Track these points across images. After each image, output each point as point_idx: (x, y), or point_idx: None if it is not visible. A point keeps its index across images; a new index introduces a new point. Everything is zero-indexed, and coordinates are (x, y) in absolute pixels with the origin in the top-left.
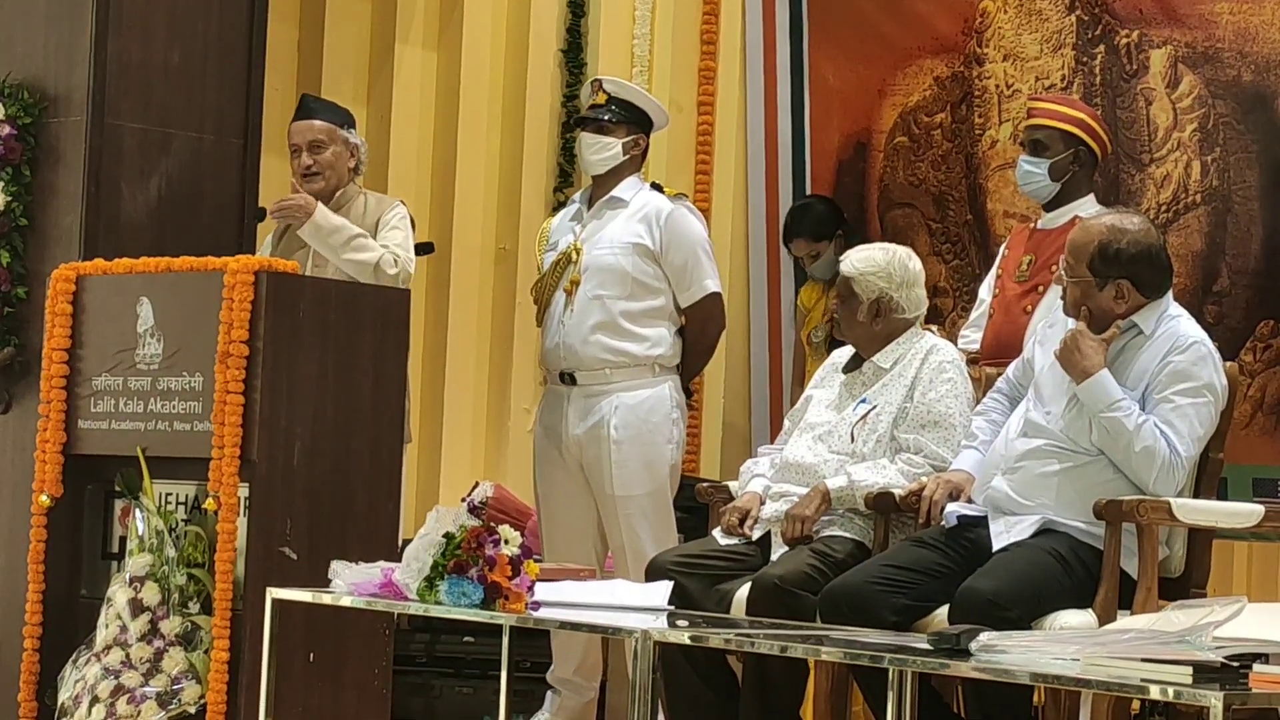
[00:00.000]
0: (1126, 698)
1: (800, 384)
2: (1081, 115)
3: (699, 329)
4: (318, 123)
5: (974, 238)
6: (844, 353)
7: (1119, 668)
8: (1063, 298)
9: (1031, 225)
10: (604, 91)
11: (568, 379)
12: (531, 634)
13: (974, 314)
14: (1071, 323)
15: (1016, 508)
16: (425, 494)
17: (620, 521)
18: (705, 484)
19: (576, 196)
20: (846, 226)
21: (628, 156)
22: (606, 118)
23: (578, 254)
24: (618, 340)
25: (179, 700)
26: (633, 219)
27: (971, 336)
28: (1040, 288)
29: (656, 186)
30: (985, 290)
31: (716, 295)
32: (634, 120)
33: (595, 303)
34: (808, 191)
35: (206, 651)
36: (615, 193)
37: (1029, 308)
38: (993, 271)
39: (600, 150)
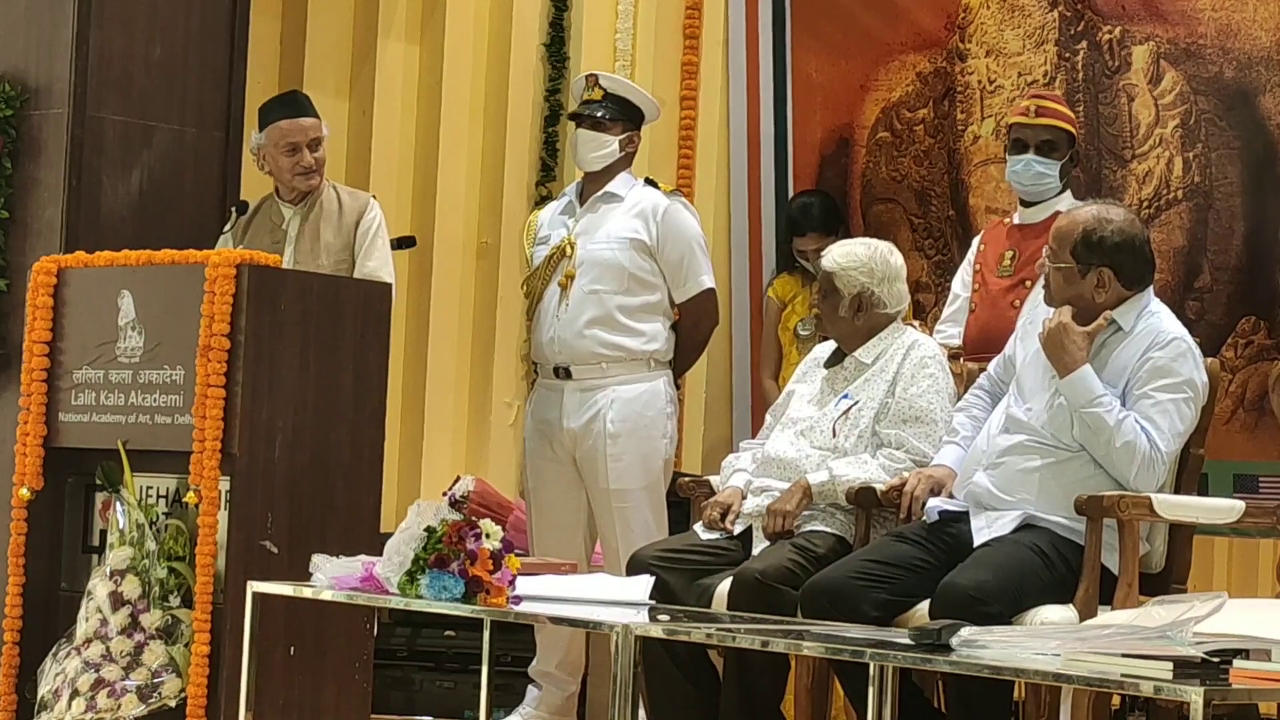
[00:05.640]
0: (1107, 693)
1: (775, 379)
2: (1071, 114)
3: (693, 324)
4: (312, 120)
5: (956, 233)
6: (826, 348)
7: (1100, 663)
8: (1045, 286)
9: (1006, 221)
10: (600, 87)
11: (562, 373)
12: (512, 628)
13: (949, 309)
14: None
15: (998, 503)
16: (406, 488)
17: (614, 515)
18: (687, 478)
19: (568, 190)
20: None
21: (623, 153)
22: (602, 114)
23: (571, 248)
24: (614, 335)
25: (159, 694)
26: (629, 214)
27: (949, 331)
28: (1027, 282)
29: (651, 182)
30: (960, 285)
31: (711, 291)
32: (628, 116)
33: (591, 297)
34: (790, 187)
35: (187, 645)
36: (610, 188)
37: (1016, 302)
38: (966, 266)
39: (598, 147)
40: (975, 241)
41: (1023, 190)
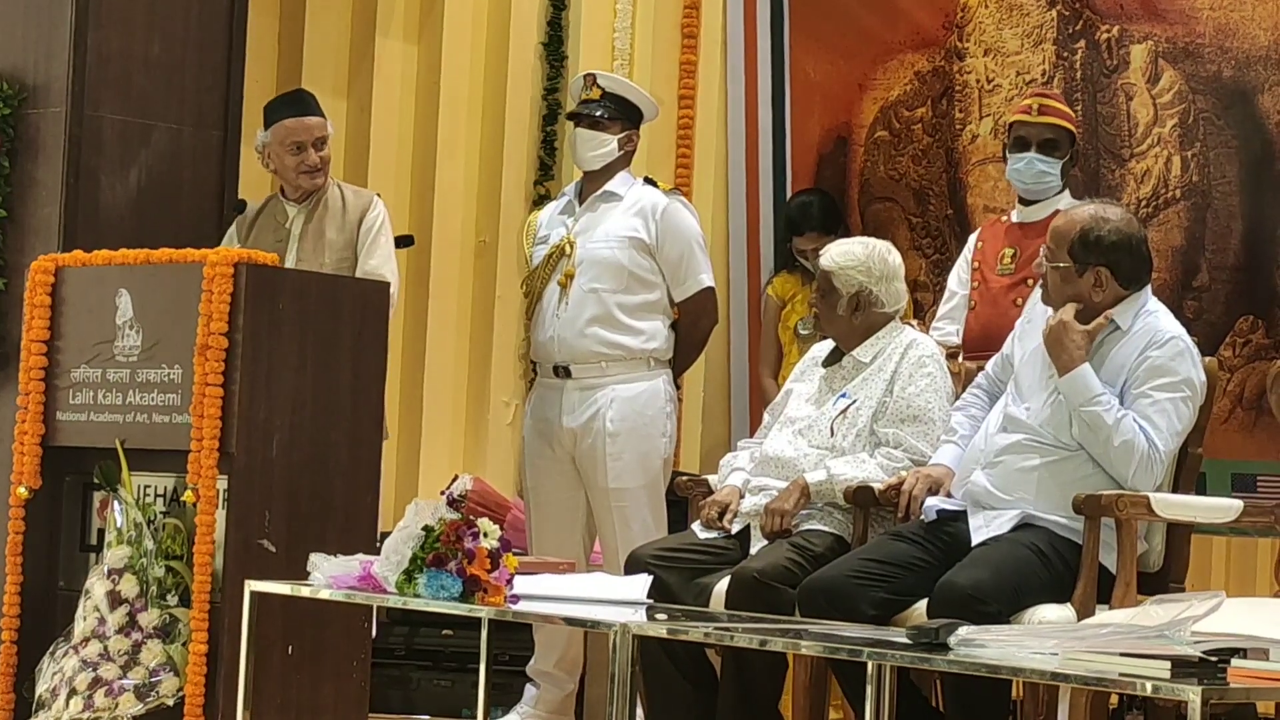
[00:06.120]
0: (1105, 692)
1: (774, 377)
2: (1072, 112)
3: (692, 322)
4: (318, 119)
5: (954, 232)
6: (823, 347)
7: (1097, 662)
8: (1043, 285)
9: (1004, 219)
10: (598, 86)
11: (562, 372)
12: (510, 627)
13: (946, 306)
14: (1050, 313)
15: (996, 502)
16: (404, 487)
17: (613, 514)
18: (685, 477)
19: (567, 190)
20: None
21: (622, 152)
22: (600, 114)
23: (571, 247)
24: (613, 333)
25: (157, 692)
26: (628, 213)
27: (947, 329)
28: (1029, 280)
29: (650, 181)
30: (956, 282)
31: (710, 290)
32: (627, 116)
33: (591, 296)
34: (788, 186)
35: (185, 644)
36: (609, 187)
37: (1019, 300)
38: (962, 263)
39: (597, 147)
40: (972, 239)
41: (1024, 189)
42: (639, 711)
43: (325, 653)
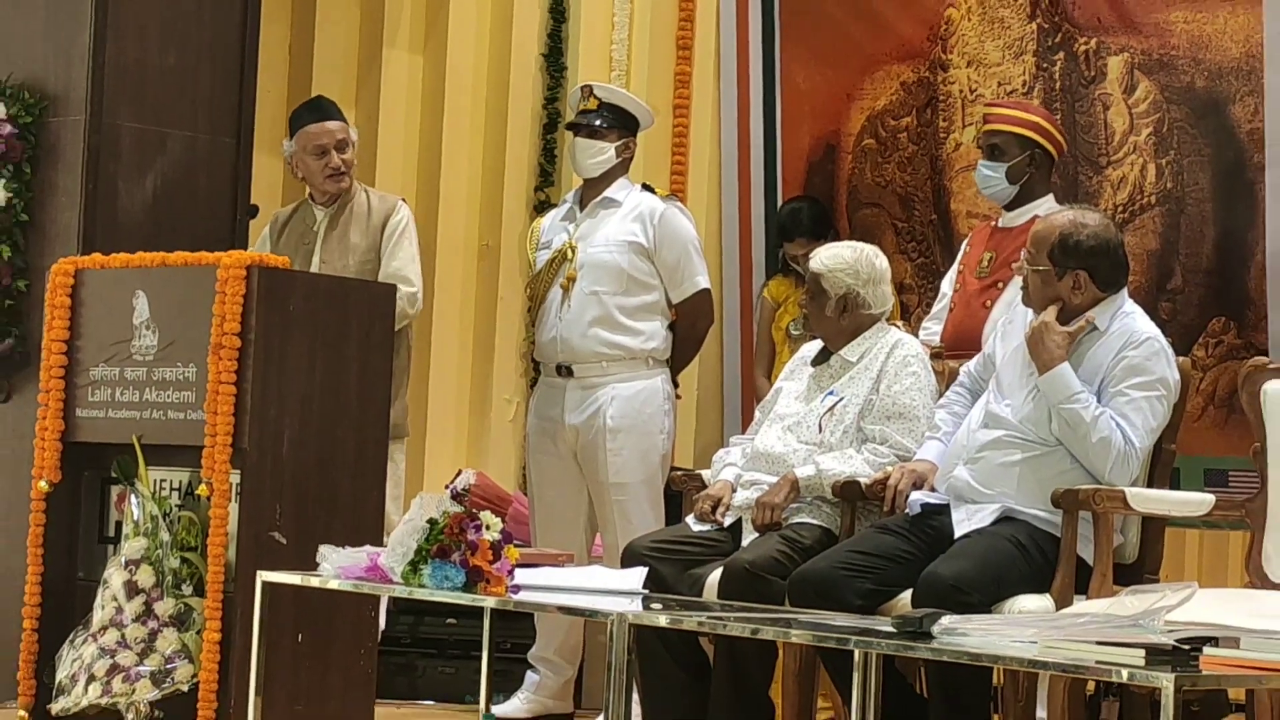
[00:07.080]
0: (1082, 679)
1: (767, 376)
2: (1035, 118)
3: (689, 323)
4: (338, 123)
5: (938, 237)
6: (813, 346)
7: (1075, 650)
8: (1023, 287)
9: (993, 224)
10: (595, 97)
11: (564, 371)
12: (512, 616)
13: (935, 307)
14: (1030, 314)
15: (978, 496)
16: (410, 482)
17: (613, 508)
18: (679, 472)
19: (568, 196)
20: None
21: (620, 159)
22: (598, 123)
23: (572, 252)
24: (614, 334)
25: (172, 679)
26: (627, 218)
27: (932, 329)
28: (1000, 284)
29: (648, 187)
30: (947, 284)
31: (706, 291)
32: (623, 124)
33: (592, 298)
34: (779, 192)
35: (199, 632)
36: (608, 193)
37: (988, 303)
38: (954, 266)
39: (595, 155)
40: (964, 243)
41: (983, 195)
42: (635, 697)
43: (334, 641)
